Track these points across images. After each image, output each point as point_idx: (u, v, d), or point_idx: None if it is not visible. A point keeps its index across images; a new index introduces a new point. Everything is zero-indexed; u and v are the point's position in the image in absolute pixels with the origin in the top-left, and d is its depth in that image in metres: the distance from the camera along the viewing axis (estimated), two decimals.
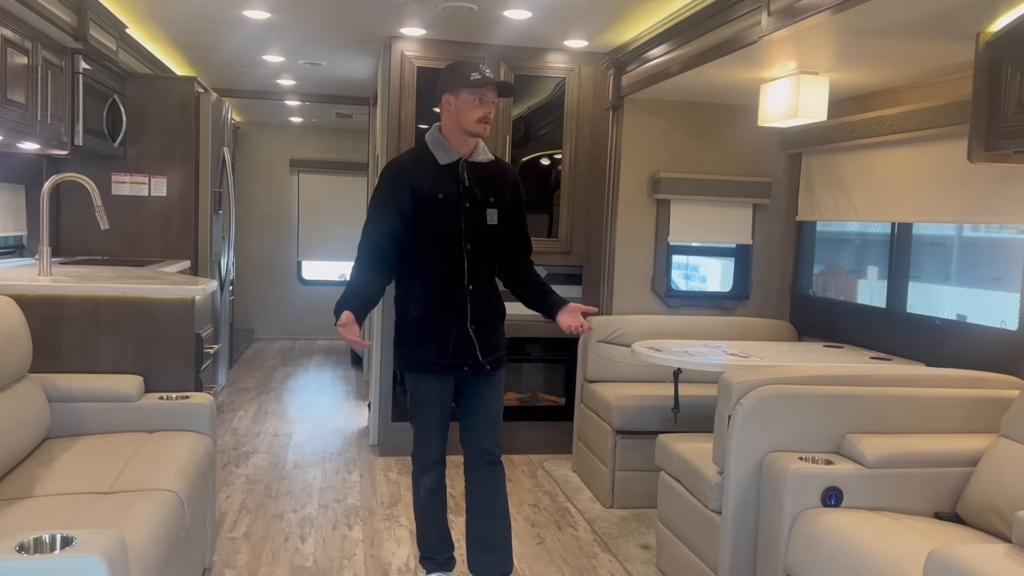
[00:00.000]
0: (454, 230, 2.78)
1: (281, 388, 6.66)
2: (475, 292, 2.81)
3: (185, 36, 5.00)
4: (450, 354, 2.80)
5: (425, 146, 2.84)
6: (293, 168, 9.02)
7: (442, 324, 2.79)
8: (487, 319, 2.85)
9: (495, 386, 2.93)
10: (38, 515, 2.21)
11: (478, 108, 2.73)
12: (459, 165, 2.80)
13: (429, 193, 2.76)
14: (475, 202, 2.80)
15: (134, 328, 3.22)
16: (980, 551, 1.82)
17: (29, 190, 4.67)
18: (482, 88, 2.72)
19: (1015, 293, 3.20)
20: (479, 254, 2.81)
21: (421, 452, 2.95)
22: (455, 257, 2.79)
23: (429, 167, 2.79)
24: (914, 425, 2.74)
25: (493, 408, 2.93)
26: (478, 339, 2.81)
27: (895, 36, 3.01)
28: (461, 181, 2.79)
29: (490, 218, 2.82)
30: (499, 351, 2.90)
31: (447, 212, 2.77)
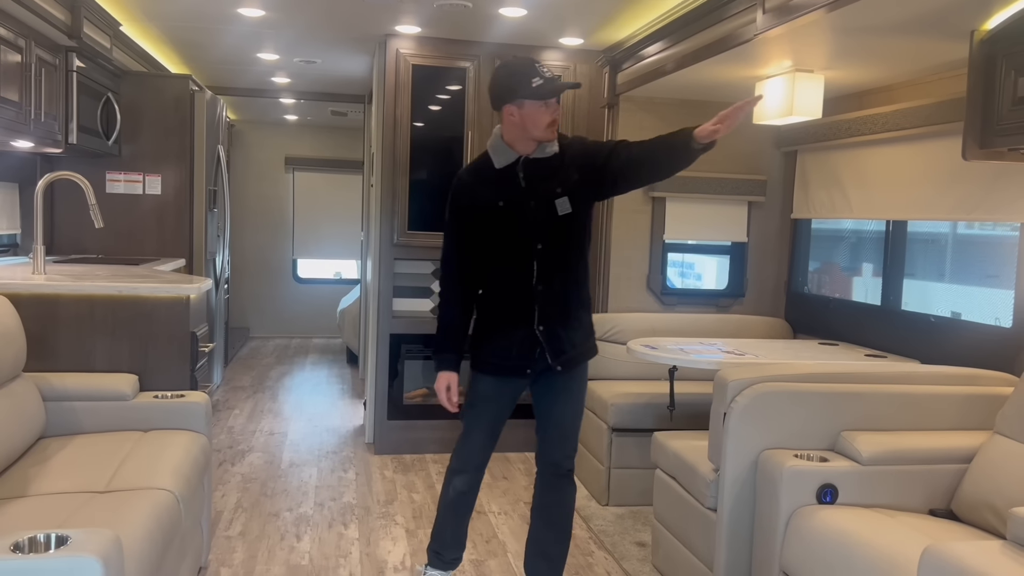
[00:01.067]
0: (522, 233, 2.64)
1: (276, 386, 6.66)
2: (545, 290, 2.66)
3: (179, 34, 4.99)
4: (512, 356, 2.70)
5: (486, 153, 2.72)
6: (288, 166, 9.01)
7: (507, 326, 2.69)
8: (559, 316, 2.69)
9: (571, 393, 2.79)
10: (33, 514, 2.20)
11: (545, 113, 2.57)
12: (517, 165, 2.65)
13: (489, 203, 2.65)
14: (540, 198, 2.63)
15: (129, 327, 3.21)
16: (975, 548, 1.83)
17: (23, 188, 4.65)
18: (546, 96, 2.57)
19: (1009, 290, 3.21)
20: (552, 250, 2.65)
21: (462, 452, 2.84)
22: (525, 259, 2.65)
23: (489, 175, 2.67)
24: (909, 422, 2.75)
25: (566, 417, 2.80)
26: (547, 339, 2.67)
27: (890, 34, 3.01)
28: (519, 182, 2.65)
29: (561, 208, 2.63)
30: (574, 349, 2.72)
31: (511, 217, 2.64)
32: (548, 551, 2.87)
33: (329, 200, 9.06)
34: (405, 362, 4.87)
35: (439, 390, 2.78)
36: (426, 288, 4.90)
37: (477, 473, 2.85)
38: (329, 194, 9.06)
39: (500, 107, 2.64)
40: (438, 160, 4.79)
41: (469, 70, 4.72)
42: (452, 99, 4.77)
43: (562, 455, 2.81)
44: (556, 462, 2.82)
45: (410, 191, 4.71)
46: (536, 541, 2.89)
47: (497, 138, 2.70)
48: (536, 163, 2.66)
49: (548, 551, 2.87)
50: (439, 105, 4.81)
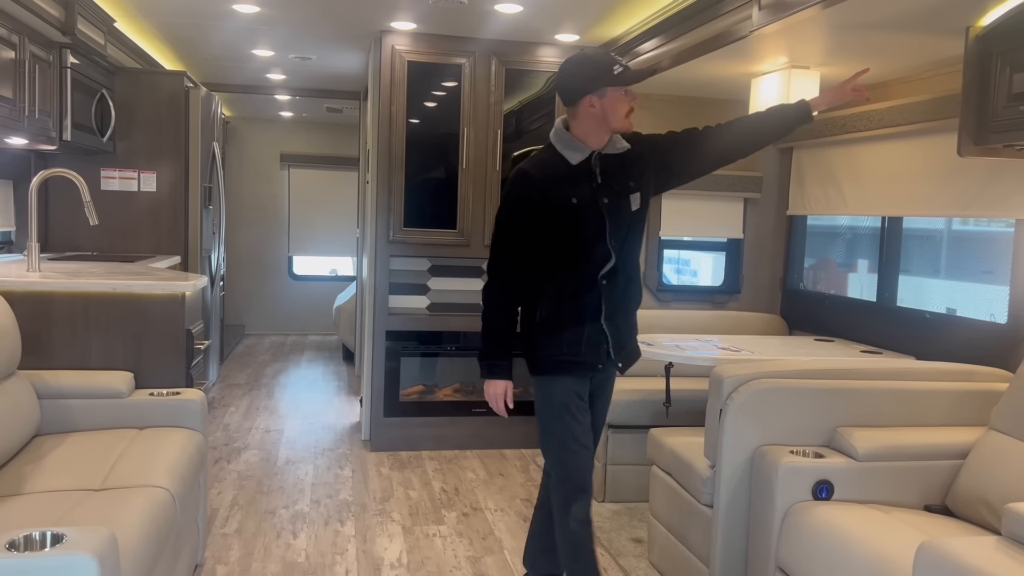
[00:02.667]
0: (596, 232, 2.53)
1: (272, 384, 6.65)
2: (610, 286, 2.56)
3: (174, 30, 4.97)
4: (583, 352, 2.57)
5: (552, 148, 2.58)
6: (283, 163, 8.99)
7: (575, 322, 2.56)
8: (621, 310, 2.61)
9: (607, 394, 2.76)
10: (28, 512, 2.20)
11: (625, 102, 2.51)
12: (591, 161, 2.54)
13: (562, 200, 2.50)
14: (613, 195, 2.54)
15: (124, 324, 3.21)
16: (970, 543, 1.83)
17: (17, 185, 4.64)
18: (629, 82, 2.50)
19: (1004, 286, 3.22)
20: (620, 245, 2.56)
21: (567, 476, 2.58)
22: (598, 255, 2.54)
23: (559, 170, 2.54)
24: (904, 418, 2.75)
25: (602, 416, 2.77)
26: (612, 335, 2.58)
27: (885, 30, 3.02)
28: (594, 177, 2.54)
29: (633, 204, 2.57)
30: (631, 344, 2.69)
31: (584, 215, 2.52)
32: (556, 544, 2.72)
33: (325, 197, 9.05)
34: (401, 359, 4.87)
35: (494, 397, 2.63)
36: (422, 285, 4.90)
37: (590, 493, 2.61)
38: (325, 191, 9.05)
39: (579, 99, 2.51)
40: (434, 157, 4.79)
41: (465, 66, 4.71)
42: (448, 95, 4.77)
43: None
44: None
45: (406, 188, 4.71)
46: (542, 537, 2.82)
47: (563, 133, 2.57)
48: (611, 158, 2.57)
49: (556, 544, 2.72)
50: (435, 102, 4.81)
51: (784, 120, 2.67)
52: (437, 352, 4.97)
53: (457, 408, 4.94)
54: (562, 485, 2.59)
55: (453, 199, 4.76)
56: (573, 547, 2.59)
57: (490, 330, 2.62)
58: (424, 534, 3.63)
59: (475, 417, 4.92)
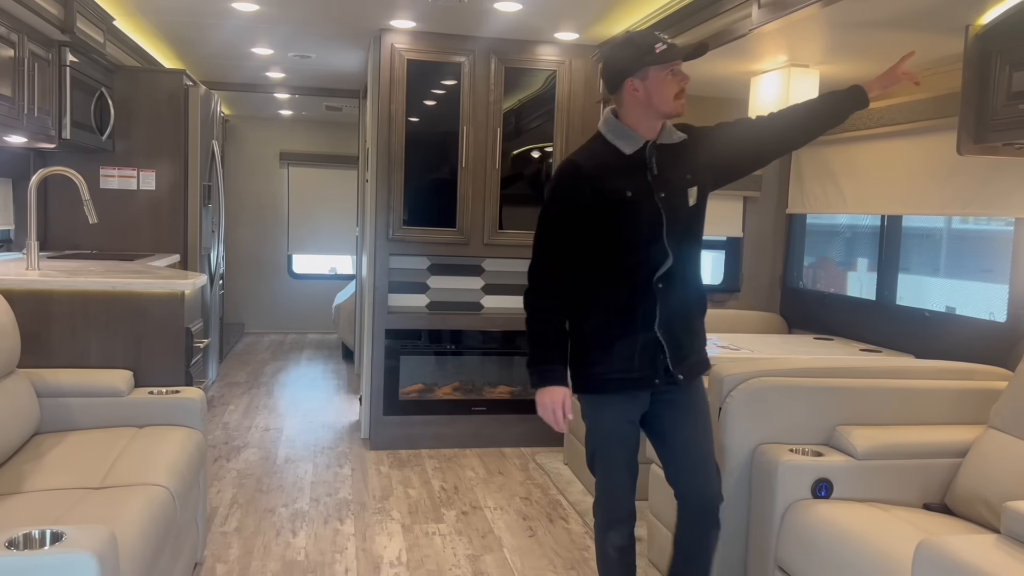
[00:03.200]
0: (652, 228, 2.30)
1: (272, 382, 6.65)
2: (666, 290, 2.31)
3: (173, 28, 4.97)
4: (636, 367, 2.30)
5: (602, 138, 2.37)
6: (283, 161, 8.98)
7: (626, 332, 2.30)
8: (679, 317, 2.34)
9: (696, 409, 2.39)
10: (28, 511, 2.20)
11: (672, 83, 2.28)
12: (646, 151, 2.33)
13: (615, 194, 2.29)
14: (670, 188, 2.32)
15: (123, 323, 3.21)
16: (969, 541, 1.83)
17: (16, 184, 4.63)
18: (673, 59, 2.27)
19: (1003, 285, 3.22)
20: (677, 245, 2.32)
21: (607, 502, 2.43)
22: (653, 256, 2.30)
23: (612, 162, 2.32)
24: (904, 417, 2.76)
25: (697, 438, 2.38)
26: (669, 344, 2.31)
27: (885, 29, 3.01)
28: (649, 169, 2.32)
29: (691, 198, 2.36)
30: (694, 355, 2.39)
31: (639, 210, 2.29)
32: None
33: (324, 195, 9.04)
34: (401, 357, 4.87)
35: (550, 407, 2.32)
36: (422, 283, 4.90)
37: (630, 521, 2.42)
38: (324, 189, 9.04)
39: (620, 84, 2.31)
40: (433, 155, 4.79)
41: (464, 65, 4.71)
42: (447, 94, 4.77)
43: (705, 487, 2.38)
44: (701, 495, 2.38)
45: (405, 186, 4.71)
46: None
47: (614, 122, 2.36)
48: (667, 149, 2.36)
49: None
50: (434, 100, 4.80)
51: (838, 106, 2.47)
52: (437, 351, 4.97)
53: (456, 407, 4.94)
54: (602, 510, 2.45)
55: (452, 198, 4.76)
56: (607, 570, 2.48)
57: (537, 332, 2.38)
58: (423, 532, 3.63)
59: (474, 416, 4.92)
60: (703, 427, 2.40)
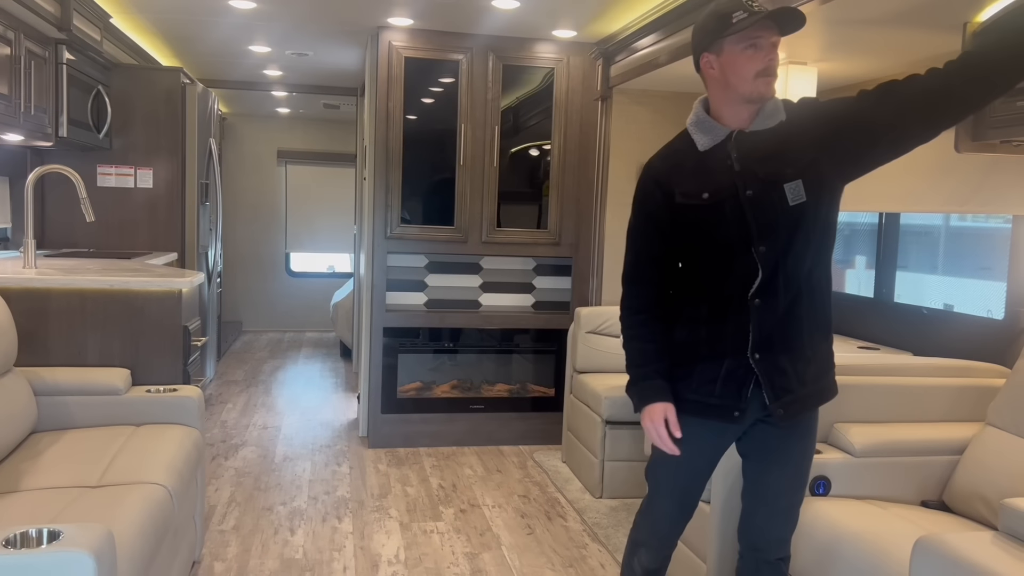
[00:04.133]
0: (736, 233, 1.99)
1: (270, 380, 6.64)
2: (764, 306, 1.99)
3: (170, 26, 4.96)
4: (717, 393, 2.04)
5: (685, 133, 2.11)
6: (280, 159, 8.97)
7: (710, 353, 2.04)
8: (785, 342, 2.01)
9: (790, 456, 2.10)
10: (25, 509, 2.20)
11: (752, 59, 1.95)
12: (727, 144, 2.02)
13: (690, 197, 2.03)
14: (761, 184, 1.98)
15: (121, 321, 3.20)
16: (967, 538, 1.83)
17: (13, 182, 4.63)
18: (752, 29, 1.92)
19: (1001, 282, 3.22)
20: (778, 252, 1.99)
21: (648, 520, 2.24)
22: (742, 267, 2.00)
23: (688, 160, 2.06)
24: (901, 414, 2.76)
25: (780, 488, 2.11)
26: (764, 373, 2.00)
27: (883, 26, 3.01)
28: (731, 165, 2.01)
29: (793, 196, 1.98)
30: (803, 388, 2.03)
31: (720, 213, 2.00)
32: None
33: (322, 193, 9.03)
34: (399, 355, 4.87)
35: (653, 425, 2.04)
36: (420, 281, 4.89)
37: (667, 548, 2.23)
38: (322, 187, 9.03)
39: (697, 62, 2.06)
40: (431, 153, 4.79)
41: (462, 62, 4.70)
42: (445, 91, 4.76)
43: (769, 538, 2.15)
44: (760, 547, 2.16)
45: (403, 184, 4.70)
46: None
47: (700, 112, 2.09)
48: (755, 138, 2.02)
49: None
50: (432, 98, 4.80)
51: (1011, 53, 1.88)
52: (435, 348, 4.97)
53: (455, 404, 4.94)
54: (636, 528, 2.27)
55: (450, 195, 4.75)
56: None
57: (633, 350, 2.13)
58: (422, 530, 3.63)
59: (473, 413, 4.92)
60: (796, 476, 2.12)
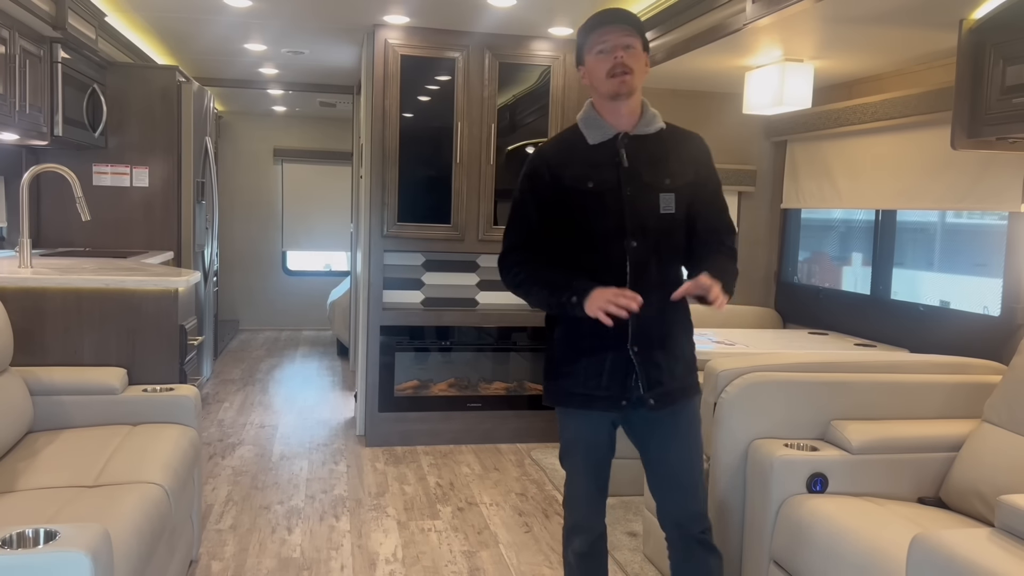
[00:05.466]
0: (612, 225, 2.14)
1: (267, 379, 6.64)
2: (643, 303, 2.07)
3: (166, 24, 4.95)
4: (604, 385, 2.17)
5: (574, 127, 2.25)
6: (277, 158, 8.96)
7: (594, 346, 2.17)
8: (660, 339, 2.18)
9: (675, 430, 2.24)
10: (21, 509, 2.19)
11: (603, 61, 2.12)
12: (618, 141, 2.17)
13: (575, 183, 2.16)
14: (640, 186, 2.14)
15: (117, 320, 3.19)
16: (963, 535, 1.84)
17: (8, 181, 4.61)
18: (596, 32, 2.12)
19: (997, 279, 3.23)
20: (649, 252, 2.15)
21: (568, 507, 2.34)
22: (615, 260, 2.14)
23: (577, 151, 2.20)
24: (898, 411, 2.76)
25: (678, 464, 2.25)
26: (642, 365, 2.15)
27: (879, 23, 3.01)
28: (619, 162, 2.15)
29: (665, 205, 2.15)
30: (673, 382, 2.20)
31: (601, 203, 2.14)
32: None
33: (318, 192, 9.02)
34: (396, 354, 4.86)
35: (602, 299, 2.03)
36: (416, 280, 4.89)
37: (592, 531, 2.31)
38: (318, 186, 9.02)
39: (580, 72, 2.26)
40: (427, 151, 4.78)
41: (458, 60, 4.69)
42: (441, 89, 4.75)
43: (686, 513, 2.25)
44: (680, 523, 2.26)
45: (400, 182, 4.70)
46: None
47: (590, 110, 2.24)
48: (642, 141, 2.18)
49: None
50: (428, 96, 4.79)
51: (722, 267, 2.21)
52: (432, 347, 4.97)
53: (452, 403, 4.94)
54: (568, 515, 2.36)
55: (447, 193, 4.75)
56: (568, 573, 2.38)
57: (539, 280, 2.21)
58: (419, 529, 3.63)
59: (470, 412, 4.92)
60: (688, 451, 2.26)
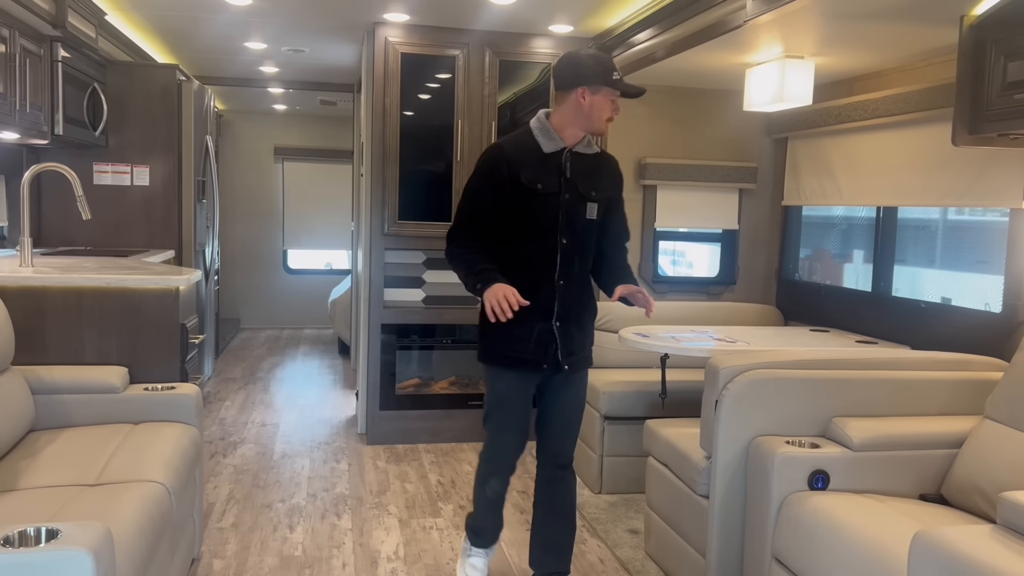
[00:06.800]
0: (550, 223, 2.64)
1: (268, 378, 6.64)
2: (565, 288, 2.68)
3: (166, 23, 4.94)
4: (531, 350, 2.68)
5: (529, 132, 2.69)
6: (277, 156, 8.96)
7: (526, 319, 2.61)
8: (574, 316, 2.73)
9: (574, 389, 2.81)
10: (23, 508, 2.19)
11: (611, 108, 2.64)
12: (563, 155, 2.66)
13: (528, 183, 2.62)
14: (575, 195, 2.66)
15: (118, 319, 3.20)
16: (965, 532, 1.84)
17: (9, 180, 4.61)
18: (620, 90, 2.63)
19: (999, 276, 3.23)
20: (574, 249, 2.68)
21: (493, 454, 2.86)
22: (548, 251, 2.66)
23: (532, 155, 2.65)
24: (900, 408, 2.76)
25: (569, 413, 2.82)
26: (561, 337, 2.69)
27: (880, 19, 3.01)
28: (563, 172, 2.65)
29: (590, 212, 2.69)
30: (582, 351, 2.79)
31: (545, 204, 2.63)
32: (556, 541, 2.90)
33: (319, 190, 9.02)
34: (397, 352, 4.86)
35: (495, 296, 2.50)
36: (417, 278, 4.89)
37: (509, 473, 2.88)
38: (319, 184, 9.02)
39: (573, 87, 2.61)
40: (428, 149, 4.78)
41: (458, 58, 4.69)
42: (442, 87, 4.75)
43: (564, 448, 2.84)
44: (558, 454, 2.84)
45: (400, 180, 4.69)
46: (540, 533, 2.93)
47: (543, 121, 2.68)
48: (581, 158, 2.69)
49: (556, 541, 2.90)
50: (428, 94, 4.79)
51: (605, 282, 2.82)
52: (433, 345, 4.97)
53: (453, 401, 4.94)
54: (487, 462, 2.88)
55: (448, 191, 4.75)
56: (482, 503, 2.93)
57: (467, 261, 2.66)
58: (421, 527, 3.63)
59: (471, 410, 4.92)
60: (578, 403, 2.84)
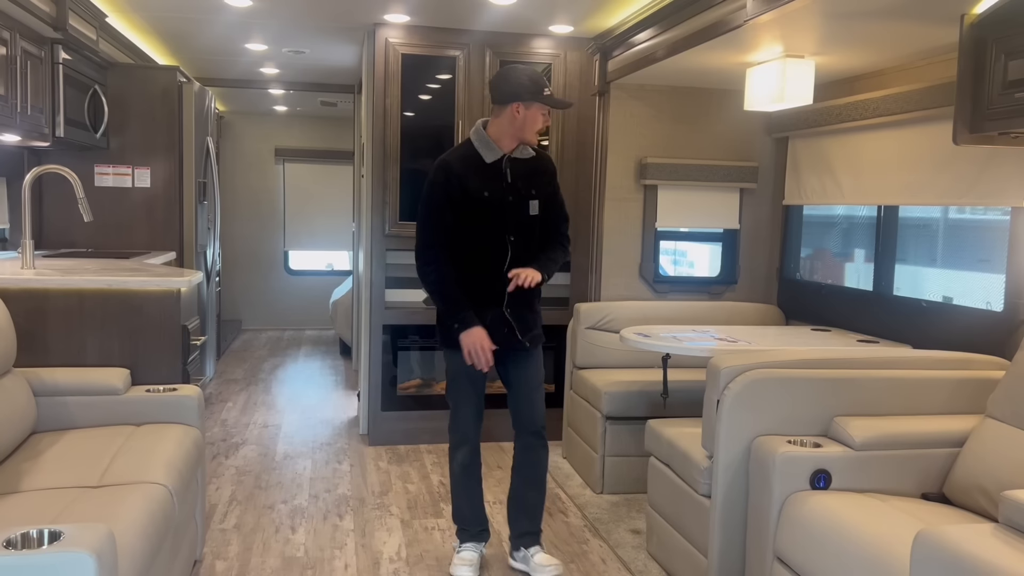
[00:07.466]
0: (499, 224, 2.97)
1: (270, 379, 6.64)
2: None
3: (166, 24, 4.95)
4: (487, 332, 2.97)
5: (471, 145, 3.01)
6: (278, 157, 8.96)
7: (479, 306, 2.97)
8: (524, 301, 3.04)
9: (534, 362, 3.12)
10: (25, 510, 2.19)
11: (542, 120, 2.97)
12: (503, 162, 2.98)
13: (476, 192, 2.94)
14: (518, 196, 3.00)
15: (120, 321, 3.20)
16: (967, 531, 1.83)
17: (10, 182, 4.62)
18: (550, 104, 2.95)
19: (1000, 274, 3.22)
20: (520, 243, 3.01)
21: (454, 427, 3.15)
22: (498, 247, 2.98)
23: (475, 166, 2.97)
24: (901, 407, 2.76)
25: (533, 383, 3.13)
26: (516, 320, 3.02)
27: (880, 19, 3.01)
28: (504, 178, 2.98)
29: (532, 209, 3.03)
30: (537, 328, 3.12)
31: (492, 208, 2.96)
32: (530, 503, 3.19)
33: (320, 191, 9.02)
34: (398, 353, 4.86)
35: (475, 347, 2.93)
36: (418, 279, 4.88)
37: (472, 443, 3.16)
38: (320, 185, 9.02)
39: (508, 102, 2.92)
40: (428, 149, 4.76)
41: (459, 59, 4.69)
42: (442, 88, 4.75)
43: (536, 416, 3.13)
44: (531, 421, 3.13)
45: (401, 181, 4.70)
46: (514, 497, 3.22)
47: (481, 133, 3.00)
48: (519, 163, 3.01)
49: (530, 503, 3.19)
50: (429, 94, 4.79)
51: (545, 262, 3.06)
52: (434, 346, 4.96)
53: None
54: (452, 433, 3.16)
55: None
56: (455, 481, 3.20)
57: (444, 294, 3.00)
58: (423, 527, 3.63)
59: None
60: (539, 375, 3.14)
